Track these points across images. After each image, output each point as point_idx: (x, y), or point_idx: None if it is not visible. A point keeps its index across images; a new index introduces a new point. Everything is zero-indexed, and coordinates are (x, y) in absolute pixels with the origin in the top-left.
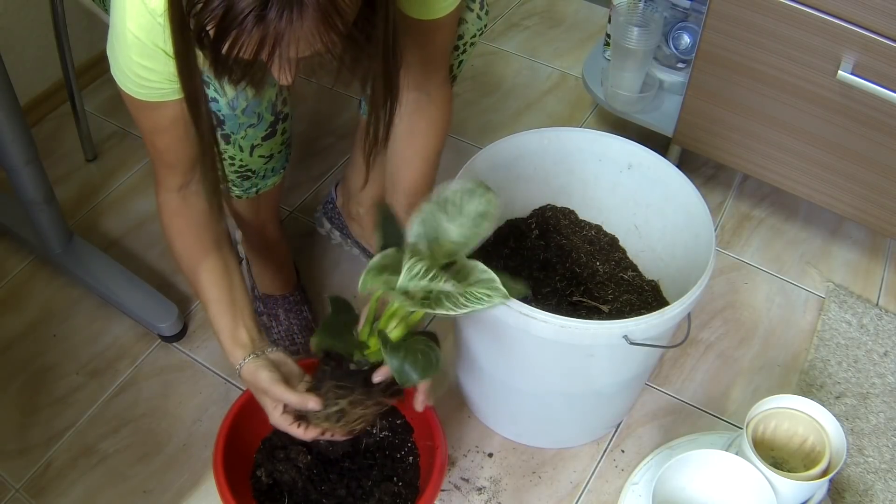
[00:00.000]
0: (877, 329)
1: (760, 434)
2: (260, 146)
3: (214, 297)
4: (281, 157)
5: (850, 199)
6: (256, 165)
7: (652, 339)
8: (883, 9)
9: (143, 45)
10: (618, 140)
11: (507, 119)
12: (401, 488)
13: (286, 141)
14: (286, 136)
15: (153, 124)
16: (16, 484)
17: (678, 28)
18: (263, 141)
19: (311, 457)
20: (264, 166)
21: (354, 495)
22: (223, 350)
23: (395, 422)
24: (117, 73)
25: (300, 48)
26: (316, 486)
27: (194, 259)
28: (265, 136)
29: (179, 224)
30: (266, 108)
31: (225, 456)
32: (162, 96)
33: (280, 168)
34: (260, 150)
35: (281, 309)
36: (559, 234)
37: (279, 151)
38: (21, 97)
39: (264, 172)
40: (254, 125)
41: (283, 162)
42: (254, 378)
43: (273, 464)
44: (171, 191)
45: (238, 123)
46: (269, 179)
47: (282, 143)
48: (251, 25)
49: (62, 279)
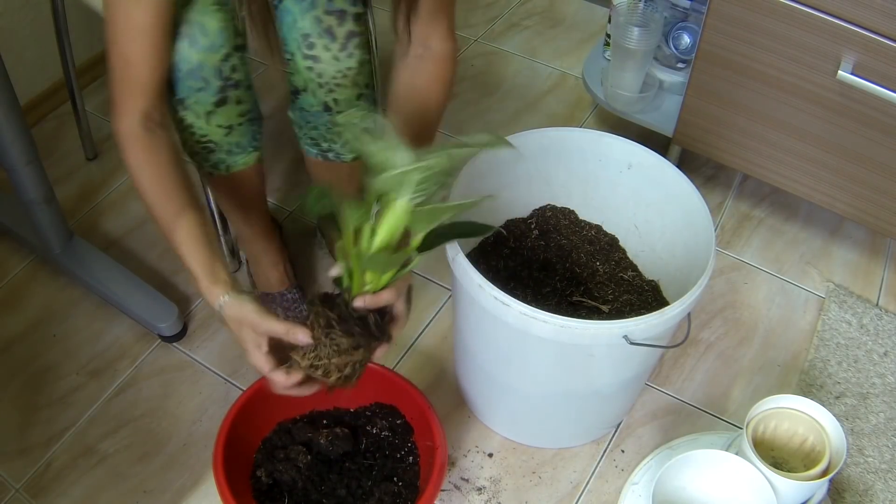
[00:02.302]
0: (877, 329)
1: (760, 434)
2: (214, 113)
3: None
4: (244, 133)
5: (850, 199)
6: (216, 136)
7: (652, 339)
8: (883, 9)
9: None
10: (618, 140)
11: (507, 119)
12: (401, 488)
13: (246, 114)
14: (244, 108)
15: (128, 24)
16: (16, 484)
17: (678, 28)
18: (217, 108)
19: (311, 457)
20: (225, 138)
21: (354, 495)
22: (200, 290)
23: (395, 422)
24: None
25: None
26: (316, 486)
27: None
28: (216, 101)
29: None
30: (212, 74)
31: (225, 456)
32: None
33: (248, 146)
34: (216, 119)
35: (279, 307)
36: (559, 234)
37: (239, 124)
38: (21, 97)
39: (228, 147)
40: (203, 89)
41: (248, 139)
42: (239, 311)
43: (273, 464)
44: (133, 116)
45: (187, 86)
46: (237, 157)
47: (240, 115)
48: None
49: (62, 279)
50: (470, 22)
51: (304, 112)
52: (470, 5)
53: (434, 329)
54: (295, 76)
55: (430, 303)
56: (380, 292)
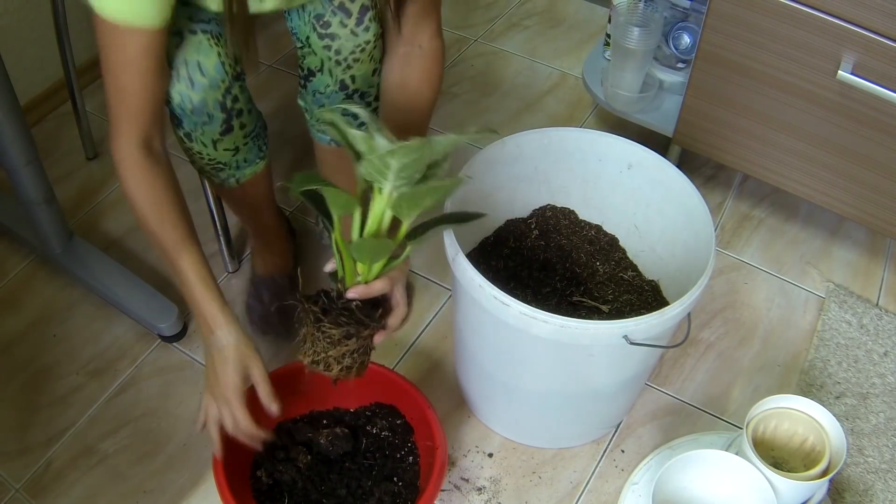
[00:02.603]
0: (877, 329)
1: (760, 434)
2: (221, 140)
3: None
4: (250, 149)
5: (850, 199)
6: (225, 158)
7: (652, 339)
8: (883, 9)
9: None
10: (618, 140)
11: (507, 119)
12: (401, 488)
13: (251, 134)
14: (249, 130)
15: (122, 56)
16: (16, 484)
17: (678, 28)
18: (223, 136)
19: (311, 457)
20: (233, 158)
21: (354, 495)
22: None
23: (396, 422)
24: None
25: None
26: (316, 486)
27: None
28: (222, 131)
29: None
30: (215, 108)
31: (225, 456)
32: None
33: (255, 158)
34: (223, 145)
35: (268, 292)
36: (559, 234)
37: (244, 144)
38: (21, 97)
39: (236, 163)
40: (207, 123)
41: (255, 153)
42: (248, 349)
43: (273, 464)
44: (132, 144)
45: (192, 122)
46: (245, 170)
47: (245, 136)
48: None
49: (62, 279)
50: (470, 22)
51: (317, 96)
52: (470, 5)
53: (434, 329)
54: (309, 58)
55: (430, 303)
56: (372, 282)
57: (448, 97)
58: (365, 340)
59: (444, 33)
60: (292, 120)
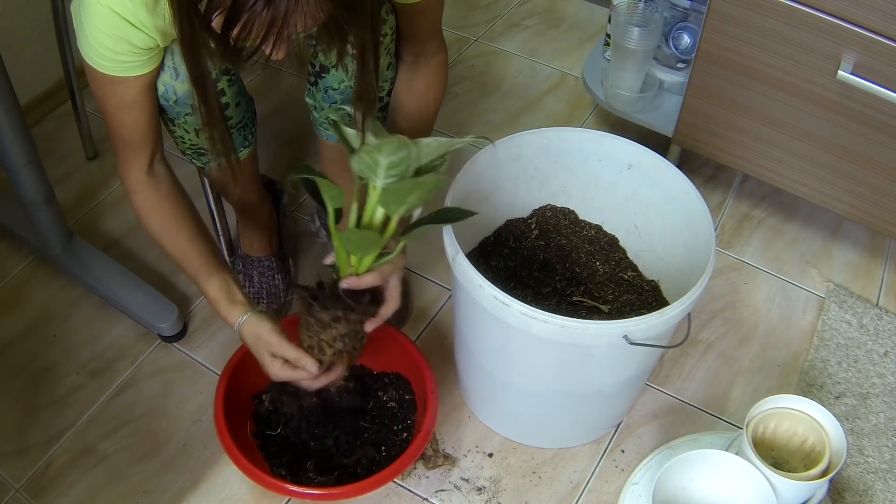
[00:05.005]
0: (877, 329)
1: (760, 434)
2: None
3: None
4: (234, 139)
5: (850, 199)
6: (206, 145)
7: (652, 339)
8: (883, 9)
9: (111, 16)
10: (618, 140)
11: (507, 119)
12: (382, 458)
13: (237, 125)
14: (234, 122)
15: (118, 100)
16: (16, 484)
17: (678, 28)
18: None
19: (316, 399)
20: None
21: (339, 448)
22: (218, 311)
23: (405, 397)
24: (83, 45)
25: (307, 23)
26: (310, 427)
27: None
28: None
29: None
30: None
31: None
32: (127, 70)
33: (239, 147)
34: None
35: (255, 271)
36: (559, 234)
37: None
38: (21, 97)
39: None
40: (190, 114)
41: (239, 142)
42: (257, 330)
43: (280, 394)
44: (139, 171)
45: (176, 111)
46: None
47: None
48: (261, 8)
49: (62, 279)
50: (470, 22)
51: (328, 92)
52: (470, 5)
53: (434, 329)
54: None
55: (430, 303)
56: (364, 275)
57: (448, 97)
58: (354, 325)
59: (444, 33)
60: (292, 120)
